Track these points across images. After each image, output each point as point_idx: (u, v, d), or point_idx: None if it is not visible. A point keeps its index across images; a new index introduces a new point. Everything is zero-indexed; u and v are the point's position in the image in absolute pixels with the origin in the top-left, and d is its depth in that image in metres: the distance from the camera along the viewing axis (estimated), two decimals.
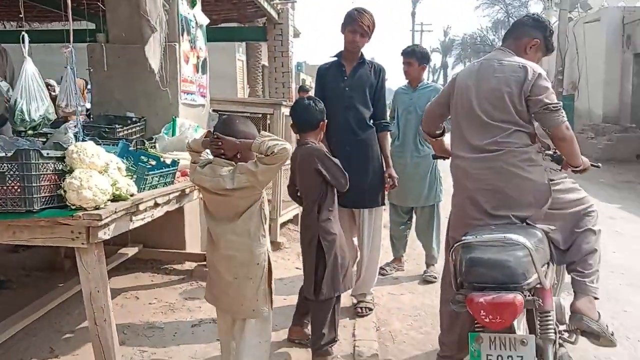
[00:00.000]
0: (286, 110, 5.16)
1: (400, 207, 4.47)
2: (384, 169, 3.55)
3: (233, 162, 2.25)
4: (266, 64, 9.43)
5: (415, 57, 4.27)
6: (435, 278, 4.32)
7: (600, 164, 2.94)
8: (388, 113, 4.56)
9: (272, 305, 2.41)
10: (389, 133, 3.68)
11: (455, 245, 2.17)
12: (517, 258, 2.03)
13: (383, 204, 3.61)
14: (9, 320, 2.75)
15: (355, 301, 3.64)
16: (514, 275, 2.00)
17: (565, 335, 2.53)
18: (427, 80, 4.45)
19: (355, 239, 3.60)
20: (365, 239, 3.54)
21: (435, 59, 57.59)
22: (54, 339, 3.02)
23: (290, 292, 3.79)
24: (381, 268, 4.41)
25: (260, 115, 6.00)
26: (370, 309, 3.57)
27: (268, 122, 5.84)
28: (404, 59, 4.32)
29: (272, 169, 2.20)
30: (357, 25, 3.35)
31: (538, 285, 2.15)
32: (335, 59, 3.54)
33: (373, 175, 3.47)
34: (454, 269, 2.16)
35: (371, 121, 3.52)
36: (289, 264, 4.62)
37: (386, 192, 3.66)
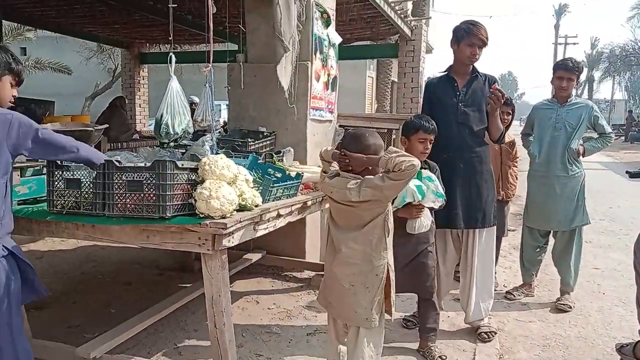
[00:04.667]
0: None
1: (538, 230, 4.19)
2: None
3: (360, 176, 2.29)
4: (396, 79, 9.43)
5: (576, 73, 3.97)
6: (570, 307, 4.01)
7: None
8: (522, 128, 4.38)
9: (390, 316, 2.44)
10: None
11: None
12: None
13: (495, 223, 3.44)
14: (140, 316, 3.05)
15: (472, 327, 3.50)
16: None
17: None
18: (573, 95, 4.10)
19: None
20: (475, 261, 3.39)
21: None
22: (178, 336, 3.28)
23: (407, 309, 3.75)
24: (508, 292, 4.23)
25: (385, 131, 6.02)
26: (494, 333, 3.41)
27: (393, 137, 5.83)
28: (561, 74, 3.98)
29: (399, 184, 2.22)
30: (475, 39, 3.25)
31: None
32: (446, 73, 3.46)
33: (486, 194, 3.35)
34: None
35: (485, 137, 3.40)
36: None
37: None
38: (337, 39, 4.77)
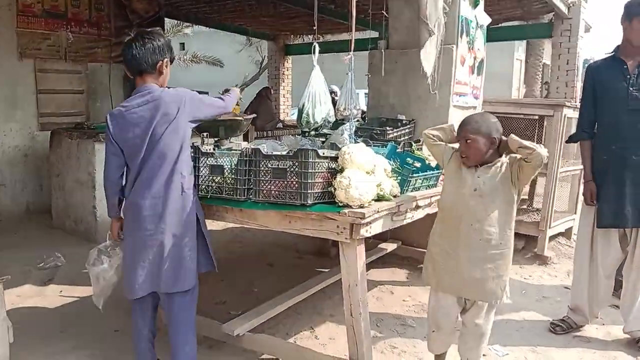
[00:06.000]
0: (569, 112, 4.70)
1: None
2: None
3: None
4: (547, 62, 8.70)
5: None
6: None
7: None
8: None
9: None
10: None
11: None
12: None
13: None
14: (281, 298, 3.18)
15: (632, 337, 3.13)
16: None
17: None
18: None
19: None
20: None
21: None
22: (315, 320, 3.35)
23: (557, 313, 3.48)
24: None
25: (536, 117, 5.56)
26: None
27: (545, 124, 5.37)
28: None
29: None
30: None
31: None
32: (612, 54, 3.09)
33: None
34: None
35: None
36: (555, 281, 4.21)
37: None
38: (485, 20, 4.49)
